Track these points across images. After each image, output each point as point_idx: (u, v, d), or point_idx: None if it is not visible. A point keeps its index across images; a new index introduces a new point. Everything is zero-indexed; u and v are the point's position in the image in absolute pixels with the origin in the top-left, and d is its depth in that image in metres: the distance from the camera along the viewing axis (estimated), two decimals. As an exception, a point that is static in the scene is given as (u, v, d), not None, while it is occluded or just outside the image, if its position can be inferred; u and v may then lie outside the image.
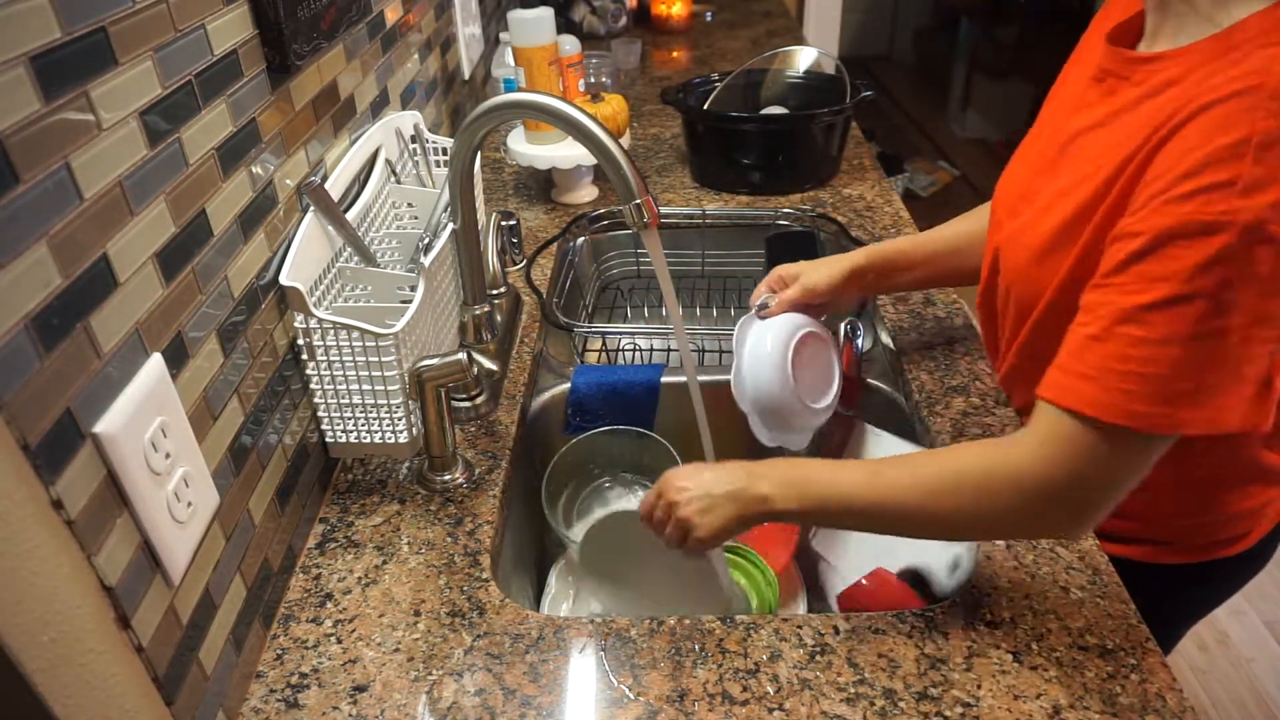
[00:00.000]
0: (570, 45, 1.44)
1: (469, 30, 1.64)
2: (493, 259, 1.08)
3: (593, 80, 1.78)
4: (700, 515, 0.74)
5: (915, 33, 4.90)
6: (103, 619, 0.52)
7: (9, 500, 0.45)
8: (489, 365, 0.89)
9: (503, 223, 1.11)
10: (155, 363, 0.58)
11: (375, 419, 0.86)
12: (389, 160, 1.03)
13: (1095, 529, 0.85)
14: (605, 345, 1.23)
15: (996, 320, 0.91)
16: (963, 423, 0.94)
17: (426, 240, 0.95)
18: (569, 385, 1.08)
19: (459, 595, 0.77)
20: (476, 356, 0.85)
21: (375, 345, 0.81)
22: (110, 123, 0.54)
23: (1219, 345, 0.60)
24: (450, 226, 0.95)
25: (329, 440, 0.88)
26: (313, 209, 0.84)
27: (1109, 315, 0.63)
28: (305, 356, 0.82)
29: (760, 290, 0.95)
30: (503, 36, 1.91)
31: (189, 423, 0.61)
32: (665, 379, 1.08)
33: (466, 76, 1.63)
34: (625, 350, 1.26)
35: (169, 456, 0.58)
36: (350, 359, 0.82)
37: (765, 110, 1.57)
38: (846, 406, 1.04)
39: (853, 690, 0.68)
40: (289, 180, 0.81)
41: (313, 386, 0.84)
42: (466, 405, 0.99)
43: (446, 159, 1.04)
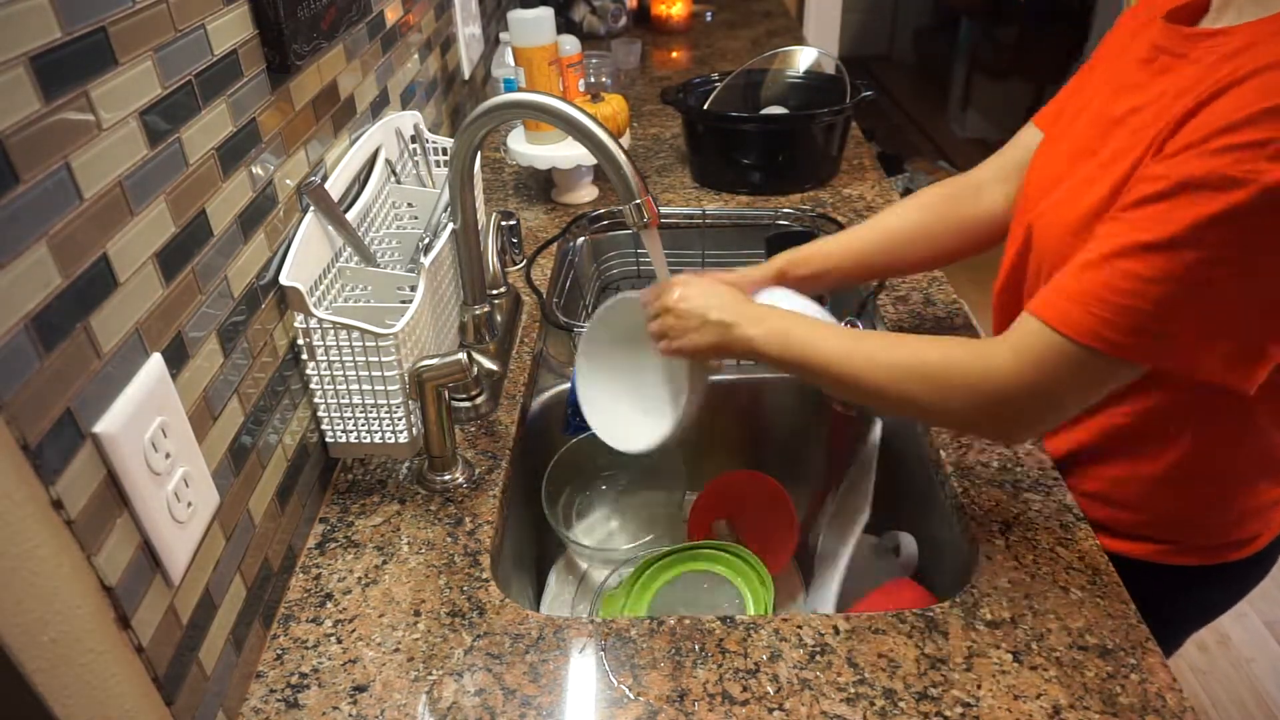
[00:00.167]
0: (570, 45, 1.44)
1: (469, 30, 1.64)
2: (493, 259, 1.08)
3: (593, 80, 1.78)
4: (683, 329, 0.81)
5: (915, 33, 4.91)
6: (103, 619, 0.52)
7: (9, 500, 0.45)
8: (489, 365, 0.89)
9: (503, 223, 1.11)
10: (155, 363, 0.58)
11: (375, 419, 0.86)
12: (389, 160, 1.03)
13: (1098, 523, 0.86)
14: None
15: (1020, 307, 0.90)
16: (963, 423, 0.94)
17: (426, 240, 0.95)
18: (569, 385, 1.08)
19: (459, 595, 0.77)
20: (476, 356, 0.85)
21: (375, 345, 0.81)
22: (110, 123, 0.54)
23: (1207, 294, 0.62)
24: (450, 226, 0.95)
25: (329, 440, 0.88)
26: (313, 209, 0.84)
27: (1111, 247, 0.66)
28: (305, 356, 0.82)
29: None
30: (503, 36, 1.91)
31: (189, 423, 0.61)
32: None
33: (466, 76, 1.63)
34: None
35: (169, 456, 0.58)
36: (350, 359, 0.82)
37: (765, 110, 1.57)
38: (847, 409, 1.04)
39: (853, 690, 0.68)
40: (289, 180, 0.81)
41: (313, 386, 0.84)
42: (466, 405, 0.99)
43: (446, 159, 1.04)
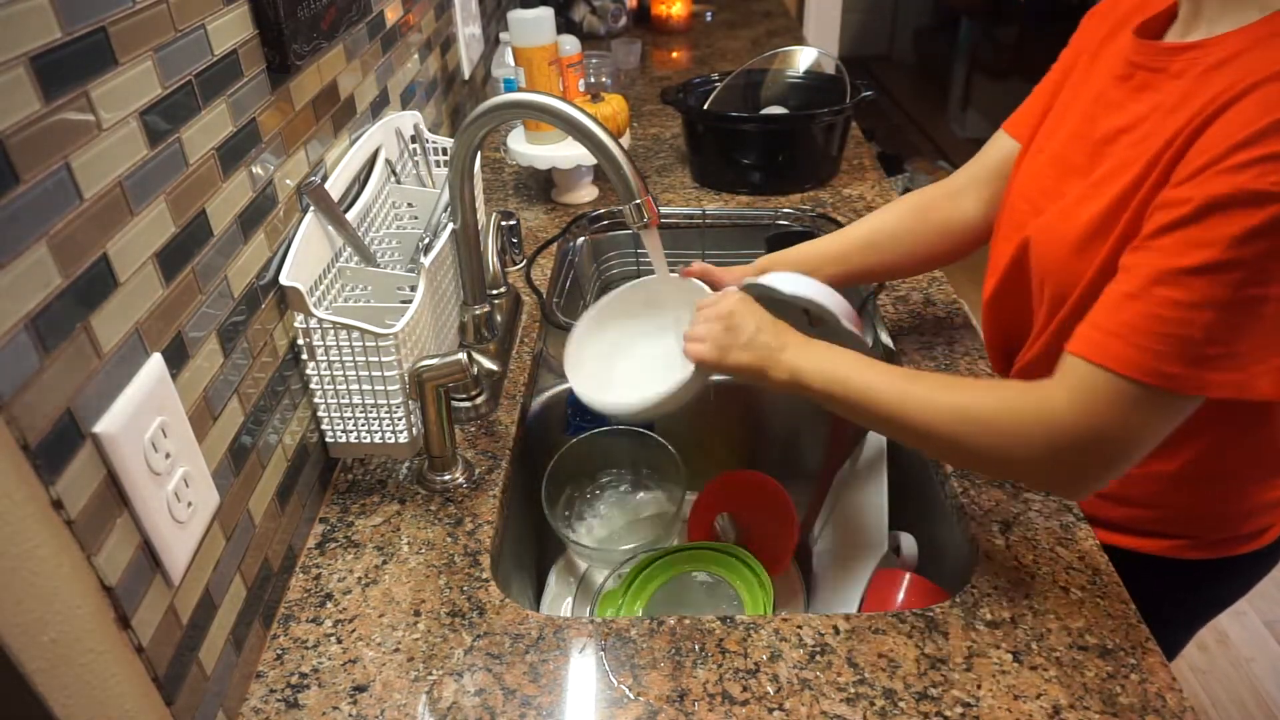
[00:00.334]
0: (570, 45, 1.44)
1: (469, 30, 1.64)
2: (493, 259, 1.08)
3: (593, 80, 1.78)
4: (729, 342, 0.78)
5: (915, 33, 4.91)
6: (103, 619, 0.52)
7: (9, 500, 0.45)
8: (489, 365, 0.89)
9: (503, 223, 1.11)
10: (155, 363, 0.58)
11: (375, 419, 0.86)
12: (389, 160, 1.03)
13: (1112, 521, 0.86)
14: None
15: (1014, 316, 0.90)
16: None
17: (426, 240, 0.95)
18: (569, 386, 1.08)
19: (459, 595, 0.77)
20: (476, 356, 0.85)
21: (375, 345, 0.81)
22: (110, 123, 0.54)
23: (1254, 312, 0.61)
24: (450, 226, 0.95)
25: (329, 440, 0.88)
26: (313, 209, 0.84)
27: (1147, 276, 0.64)
28: (305, 356, 0.82)
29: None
30: (503, 36, 1.91)
31: (189, 423, 0.61)
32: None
33: (466, 76, 1.63)
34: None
35: (169, 456, 0.58)
36: (350, 359, 0.82)
37: (765, 110, 1.57)
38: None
39: (853, 690, 0.68)
40: (289, 180, 0.81)
41: (313, 386, 0.84)
42: (466, 405, 0.99)
43: (446, 159, 1.04)
